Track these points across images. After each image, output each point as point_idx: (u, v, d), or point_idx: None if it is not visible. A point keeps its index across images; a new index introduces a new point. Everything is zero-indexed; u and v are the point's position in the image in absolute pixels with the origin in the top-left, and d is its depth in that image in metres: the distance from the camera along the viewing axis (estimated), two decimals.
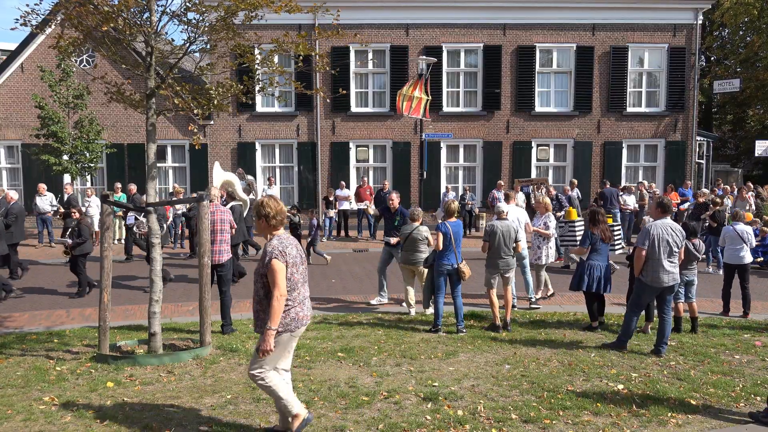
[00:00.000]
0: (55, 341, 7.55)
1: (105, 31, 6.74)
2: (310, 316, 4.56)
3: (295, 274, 4.36)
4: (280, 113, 19.52)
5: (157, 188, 7.23)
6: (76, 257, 10.32)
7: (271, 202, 4.43)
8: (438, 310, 8.03)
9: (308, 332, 7.88)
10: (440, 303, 8.05)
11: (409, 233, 8.75)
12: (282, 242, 4.35)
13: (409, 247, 8.78)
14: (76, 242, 10.24)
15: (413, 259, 8.81)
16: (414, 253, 8.80)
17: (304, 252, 4.63)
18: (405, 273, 8.99)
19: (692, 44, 19.60)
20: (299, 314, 4.39)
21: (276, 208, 4.41)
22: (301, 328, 4.44)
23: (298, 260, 4.43)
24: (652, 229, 6.80)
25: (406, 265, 8.91)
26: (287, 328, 4.33)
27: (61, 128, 15.87)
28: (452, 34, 19.39)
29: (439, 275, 8.06)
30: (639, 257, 6.84)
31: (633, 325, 7.09)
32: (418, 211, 8.89)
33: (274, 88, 7.48)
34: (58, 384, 5.85)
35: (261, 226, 4.44)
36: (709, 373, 6.25)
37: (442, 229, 8.02)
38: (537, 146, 19.84)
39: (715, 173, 25.38)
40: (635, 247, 7.05)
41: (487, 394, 5.58)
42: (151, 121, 6.99)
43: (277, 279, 4.22)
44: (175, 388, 5.74)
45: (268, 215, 4.38)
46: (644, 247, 6.79)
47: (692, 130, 19.90)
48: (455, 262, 7.96)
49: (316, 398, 5.41)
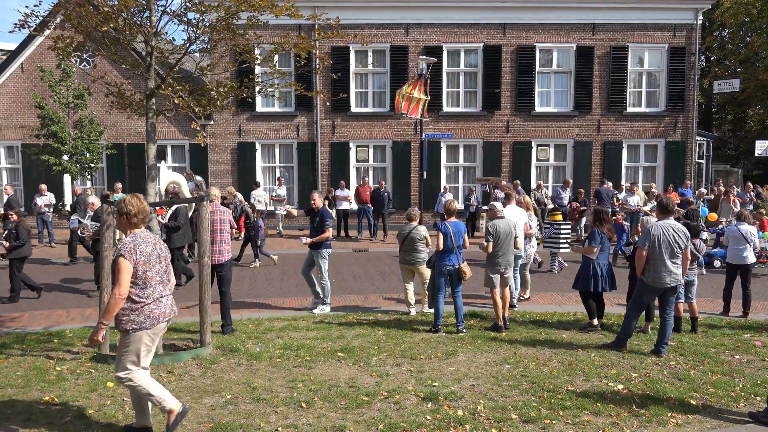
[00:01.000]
0: (55, 341, 7.55)
1: (105, 31, 6.75)
2: (170, 313, 4.55)
3: (148, 272, 4.35)
4: (280, 113, 19.53)
5: (157, 189, 7.23)
6: (12, 261, 9.91)
7: (134, 201, 4.43)
8: (438, 310, 8.03)
9: (308, 332, 7.90)
10: (440, 303, 8.05)
11: (407, 233, 8.78)
12: (135, 240, 4.34)
13: (408, 247, 8.82)
14: (12, 245, 9.86)
15: (412, 259, 8.86)
16: (412, 253, 8.84)
17: (163, 249, 4.57)
18: (404, 272, 9.03)
19: (692, 44, 19.61)
20: (154, 312, 4.39)
21: (138, 207, 4.41)
22: (160, 325, 4.45)
23: (153, 258, 4.40)
24: (653, 229, 6.80)
25: (405, 265, 8.95)
26: (141, 326, 4.34)
27: (61, 128, 15.87)
28: (452, 34, 19.40)
29: (440, 275, 8.06)
30: (640, 257, 6.84)
31: (633, 325, 7.10)
32: (414, 212, 8.96)
33: (274, 89, 7.49)
34: (59, 384, 5.86)
35: (122, 223, 4.44)
36: (709, 373, 6.26)
37: (442, 229, 8.02)
38: (537, 146, 19.84)
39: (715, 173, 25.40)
40: (636, 248, 7.06)
41: (487, 394, 5.58)
42: (151, 121, 6.99)
43: (120, 277, 4.21)
44: (175, 388, 5.74)
45: (130, 213, 4.40)
46: (645, 248, 6.79)
47: (692, 130, 19.90)
48: (456, 262, 7.97)
49: (316, 398, 5.42)
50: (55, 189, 17.83)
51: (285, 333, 7.87)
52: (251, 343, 7.36)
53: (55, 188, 18.08)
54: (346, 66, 18.92)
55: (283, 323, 8.42)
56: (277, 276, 12.22)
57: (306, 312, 9.24)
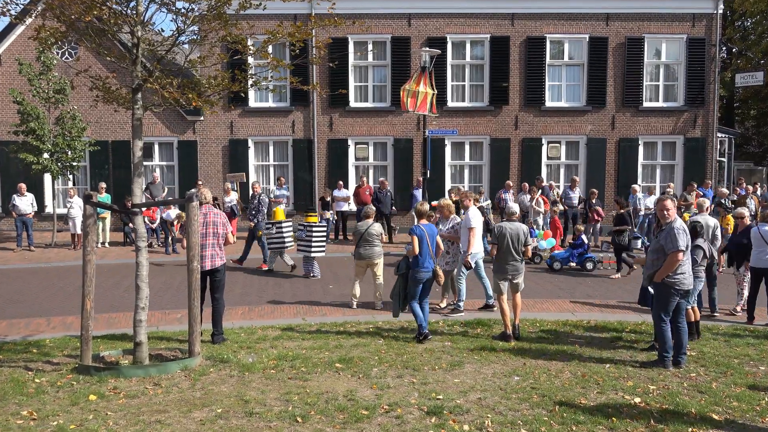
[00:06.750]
0: (34, 351, 7.54)
1: (89, 21, 6.75)
2: None
3: None
4: (275, 108, 19.53)
5: (143, 188, 7.23)
6: None
7: None
8: (418, 315, 8.02)
9: (304, 341, 7.88)
10: (417, 309, 8.05)
11: (364, 230, 9.63)
12: None
13: (364, 243, 9.69)
14: None
15: (369, 254, 9.67)
16: (369, 248, 9.68)
17: None
18: (358, 269, 9.86)
19: (712, 34, 19.60)
20: None
21: None
22: None
23: None
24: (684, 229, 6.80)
25: (361, 261, 9.72)
26: None
27: (40, 125, 15.88)
28: (457, 24, 19.40)
29: (416, 283, 8.09)
30: (675, 262, 6.73)
31: (669, 335, 6.93)
32: (370, 209, 10.12)
33: (268, 82, 7.50)
34: (37, 397, 5.84)
35: None
36: (732, 386, 6.23)
37: (416, 233, 8.03)
38: (547, 143, 19.83)
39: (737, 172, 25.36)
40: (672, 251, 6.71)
41: (494, 407, 5.57)
42: (138, 116, 6.99)
43: None
44: (162, 401, 5.73)
45: None
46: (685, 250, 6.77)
47: (713, 126, 19.90)
48: (433, 265, 8.07)
49: (313, 412, 5.40)
50: (35, 189, 17.82)
51: (279, 342, 7.85)
52: (243, 353, 7.35)
53: (36, 188, 18.07)
54: (344, 59, 18.91)
55: (278, 332, 8.41)
56: (271, 281, 12.21)
57: (301, 320, 9.24)
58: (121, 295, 10.96)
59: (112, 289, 11.53)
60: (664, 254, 6.78)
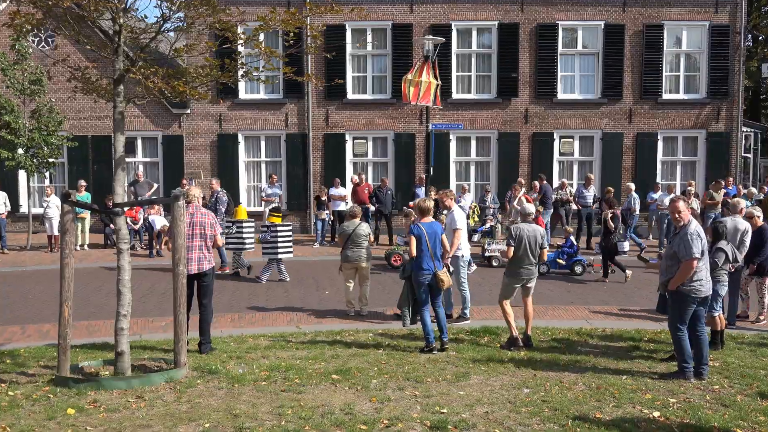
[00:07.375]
0: (8, 362, 7.53)
1: (67, 6, 6.75)
2: None
3: None
4: (267, 101, 19.54)
5: (125, 186, 7.23)
6: None
7: None
8: (426, 326, 7.99)
9: (298, 351, 7.88)
10: (427, 318, 8.02)
11: (351, 231, 9.83)
12: None
13: (351, 245, 9.87)
14: None
15: (356, 256, 9.86)
16: (356, 250, 9.86)
17: None
18: (346, 272, 10.00)
19: (737, 22, 19.61)
20: None
21: None
22: None
23: None
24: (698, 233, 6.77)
25: (349, 264, 9.90)
26: None
27: (15, 118, 15.88)
28: (462, 10, 19.40)
29: (420, 287, 8.10)
30: (689, 270, 6.71)
31: (687, 344, 6.93)
32: (356, 209, 10.42)
33: (260, 72, 7.50)
34: (11, 411, 5.84)
35: None
36: (758, 399, 6.23)
37: (415, 232, 8.02)
38: (560, 138, 19.84)
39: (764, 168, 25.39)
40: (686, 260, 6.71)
41: (502, 422, 5.57)
42: (120, 109, 6.99)
43: None
44: (145, 415, 5.73)
45: None
46: (701, 257, 6.77)
47: (737, 119, 19.90)
48: (433, 267, 7.99)
49: (307, 427, 5.40)
50: (8, 187, 17.83)
51: (271, 352, 7.85)
52: (233, 363, 7.35)
53: (9, 186, 18.08)
54: (341, 48, 18.90)
55: (270, 341, 8.41)
56: (262, 287, 12.21)
57: (294, 328, 9.24)
58: (101, 301, 10.97)
59: (92, 294, 11.53)
60: (678, 261, 6.78)
